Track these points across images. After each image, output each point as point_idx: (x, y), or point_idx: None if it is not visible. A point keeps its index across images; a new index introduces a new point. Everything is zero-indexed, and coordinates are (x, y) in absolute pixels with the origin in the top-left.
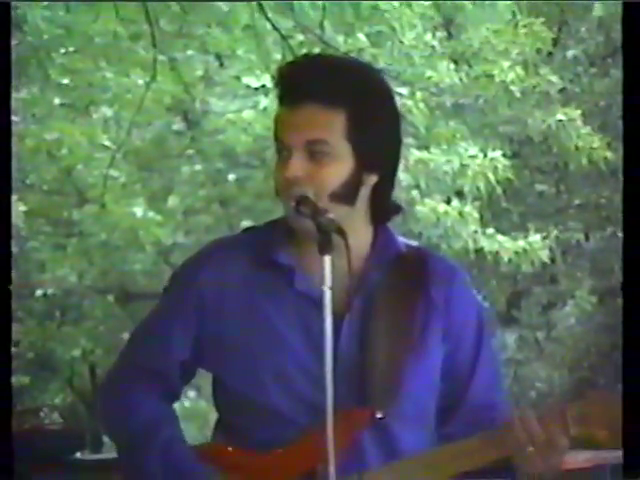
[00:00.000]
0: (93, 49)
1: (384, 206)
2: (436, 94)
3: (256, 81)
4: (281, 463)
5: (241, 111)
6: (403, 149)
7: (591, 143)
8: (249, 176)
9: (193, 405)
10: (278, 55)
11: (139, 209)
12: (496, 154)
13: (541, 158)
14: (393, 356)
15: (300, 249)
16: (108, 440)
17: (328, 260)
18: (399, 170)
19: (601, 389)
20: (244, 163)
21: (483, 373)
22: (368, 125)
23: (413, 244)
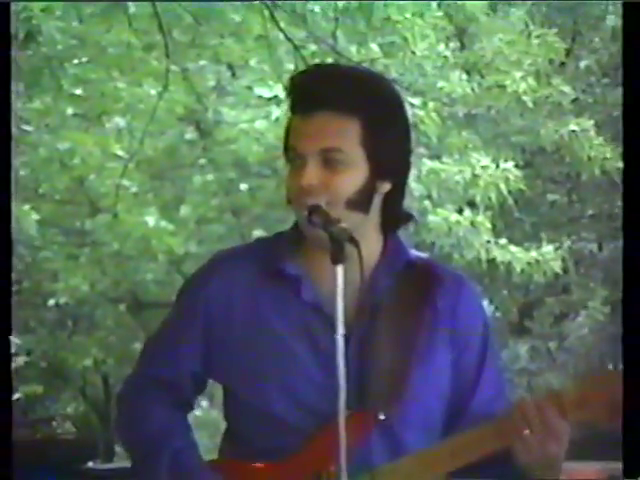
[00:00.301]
0: (106, 59)
1: (396, 214)
2: (448, 104)
3: (268, 91)
4: (287, 471)
5: (253, 121)
6: (415, 159)
7: (604, 153)
8: (261, 186)
9: (205, 414)
10: (290, 65)
11: (151, 218)
12: (508, 165)
13: (553, 168)
14: (399, 363)
15: (308, 259)
16: (120, 449)
17: (341, 270)
18: (411, 180)
19: (597, 375)
20: (256, 173)
21: (487, 383)
22: (382, 132)
23: (423, 256)
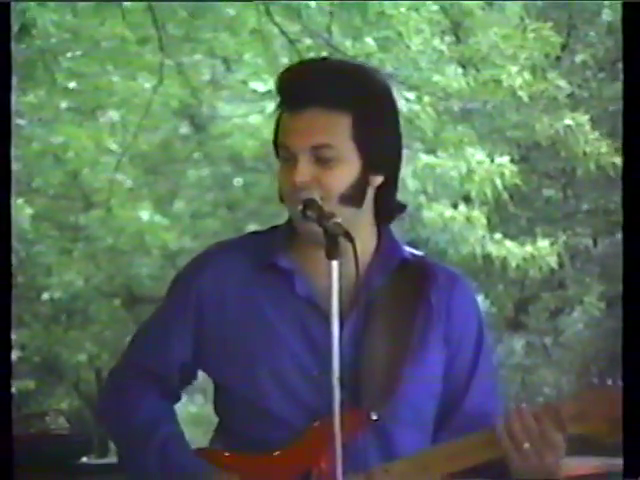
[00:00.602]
0: (100, 53)
1: (389, 206)
2: (444, 99)
3: (263, 86)
4: (277, 465)
5: (248, 115)
6: (411, 154)
7: (599, 148)
8: (256, 180)
9: (200, 410)
10: (285, 59)
11: (145, 213)
12: (504, 159)
13: (549, 163)
14: (391, 360)
15: (301, 254)
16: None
17: (336, 265)
18: (406, 175)
19: (598, 386)
20: (251, 167)
21: (480, 381)
22: (372, 126)
23: (417, 253)
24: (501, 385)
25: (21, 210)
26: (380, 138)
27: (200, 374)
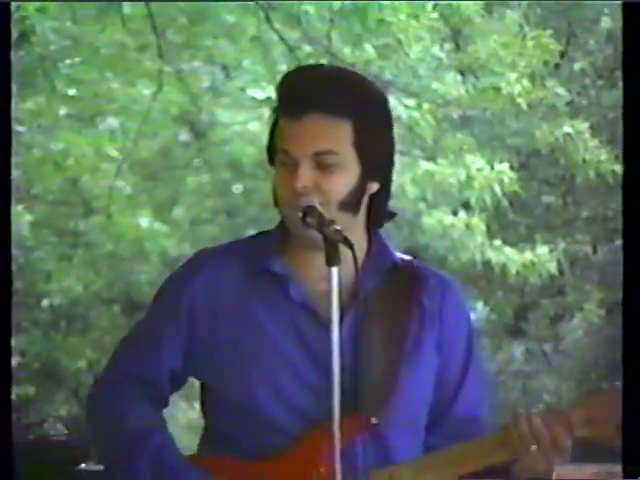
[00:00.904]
0: (100, 60)
1: (381, 213)
2: (443, 106)
3: (262, 93)
4: (276, 471)
5: (247, 122)
6: (410, 161)
7: (598, 156)
8: (255, 187)
9: (199, 416)
10: (285, 66)
11: (145, 220)
12: (503, 166)
13: (548, 170)
14: (387, 365)
15: (294, 258)
16: None
17: (335, 272)
18: (406, 182)
19: (606, 392)
20: (250, 174)
21: (471, 386)
22: (371, 133)
23: (406, 257)
24: (501, 392)
25: (21, 217)
26: (378, 145)
27: (191, 378)
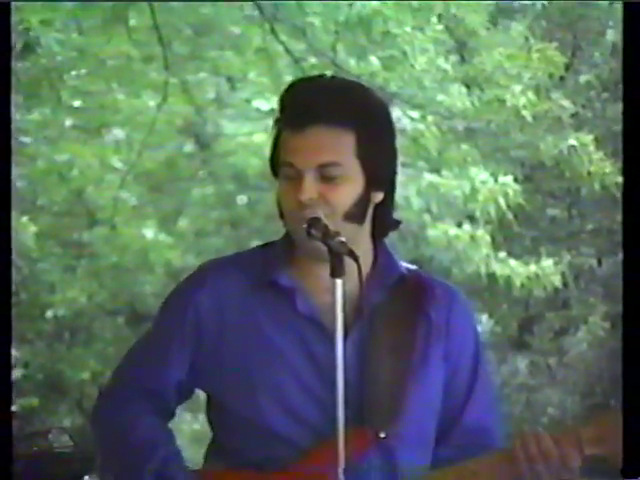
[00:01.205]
0: (105, 71)
1: (386, 222)
2: (448, 118)
3: (267, 104)
4: None
5: (252, 134)
6: (415, 173)
7: (603, 168)
8: (260, 198)
9: (203, 427)
10: (290, 78)
11: (150, 231)
12: (507, 179)
13: (553, 183)
14: (394, 377)
15: (300, 270)
16: None
17: (340, 283)
18: (411, 193)
19: (614, 409)
20: (255, 185)
21: (479, 397)
22: (374, 143)
23: (412, 267)
24: (505, 405)
25: (25, 228)
26: (381, 154)
27: (202, 392)
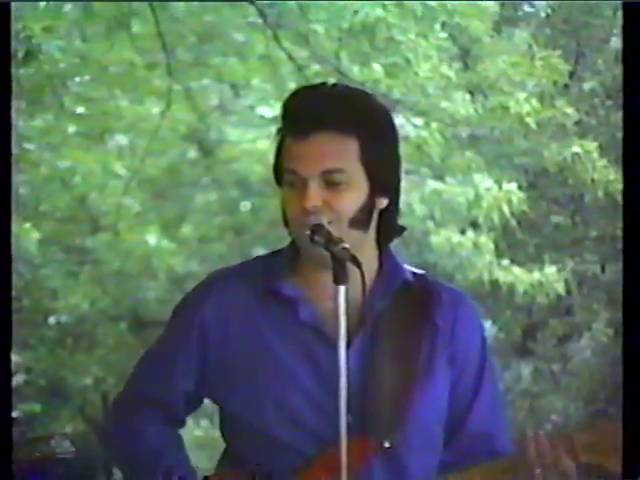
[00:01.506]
0: (108, 78)
1: (392, 228)
2: (451, 125)
3: (270, 111)
4: None
5: (255, 141)
6: (419, 179)
7: (607, 176)
8: (263, 205)
9: (205, 434)
10: (293, 85)
11: (153, 237)
12: (511, 186)
13: (557, 190)
14: (400, 384)
15: (305, 278)
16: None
17: (343, 290)
18: (414, 200)
19: (610, 419)
20: (258, 192)
21: (484, 402)
22: (378, 149)
23: (418, 272)
24: (509, 411)
25: (28, 234)
26: (385, 161)
27: (206, 398)
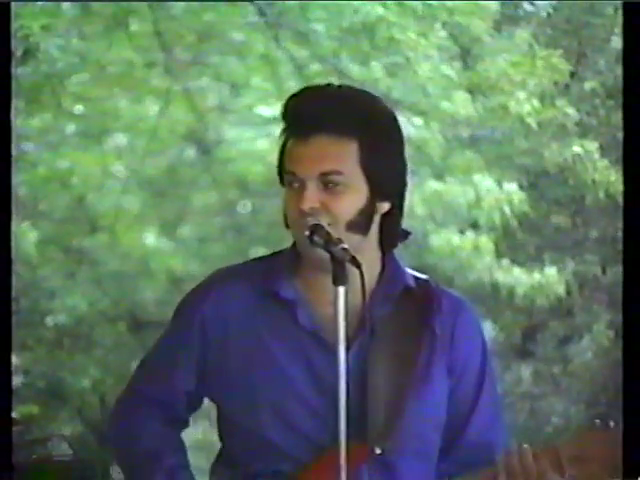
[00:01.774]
0: (107, 77)
1: (394, 233)
2: (452, 125)
3: (270, 110)
4: None
5: (255, 140)
6: (419, 180)
7: (608, 176)
8: (262, 205)
9: (204, 435)
10: (293, 84)
11: (151, 238)
12: (512, 186)
13: (557, 190)
14: (394, 392)
15: (305, 282)
16: (116, 472)
17: (342, 291)
18: (414, 201)
19: (597, 428)
20: (257, 192)
21: (483, 411)
22: (379, 153)
23: (421, 277)
24: (509, 414)
25: (26, 234)
26: (386, 165)
27: (205, 399)
